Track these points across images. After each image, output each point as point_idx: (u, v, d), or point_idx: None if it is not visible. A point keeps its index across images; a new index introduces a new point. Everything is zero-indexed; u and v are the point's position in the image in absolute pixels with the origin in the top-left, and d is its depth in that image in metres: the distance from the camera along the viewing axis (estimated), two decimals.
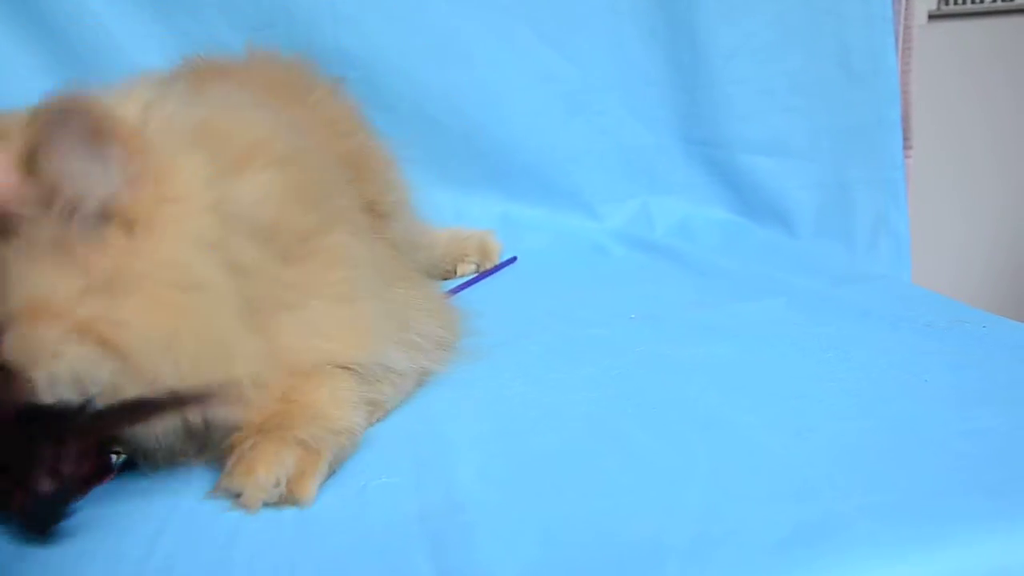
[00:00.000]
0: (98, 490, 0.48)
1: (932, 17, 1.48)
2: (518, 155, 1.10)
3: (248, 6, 1.03)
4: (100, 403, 0.43)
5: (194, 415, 0.47)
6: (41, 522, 0.42)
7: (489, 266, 1.00)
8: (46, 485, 0.42)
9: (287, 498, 0.47)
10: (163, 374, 0.44)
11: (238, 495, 0.46)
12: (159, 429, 0.47)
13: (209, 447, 0.50)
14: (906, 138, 1.14)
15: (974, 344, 0.66)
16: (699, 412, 0.57)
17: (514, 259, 1.03)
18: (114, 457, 0.48)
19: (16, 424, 0.43)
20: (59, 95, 0.43)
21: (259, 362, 0.49)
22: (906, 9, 1.15)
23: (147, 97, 0.50)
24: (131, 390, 0.44)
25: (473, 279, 0.96)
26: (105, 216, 0.44)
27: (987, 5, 1.43)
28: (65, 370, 0.42)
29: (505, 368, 0.66)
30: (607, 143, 1.13)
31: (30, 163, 0.42)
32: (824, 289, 0.81)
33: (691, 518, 0.44)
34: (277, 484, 0.46)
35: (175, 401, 0.45)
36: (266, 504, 0.47)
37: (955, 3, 1.47)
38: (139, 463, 0.50)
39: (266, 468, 0.46)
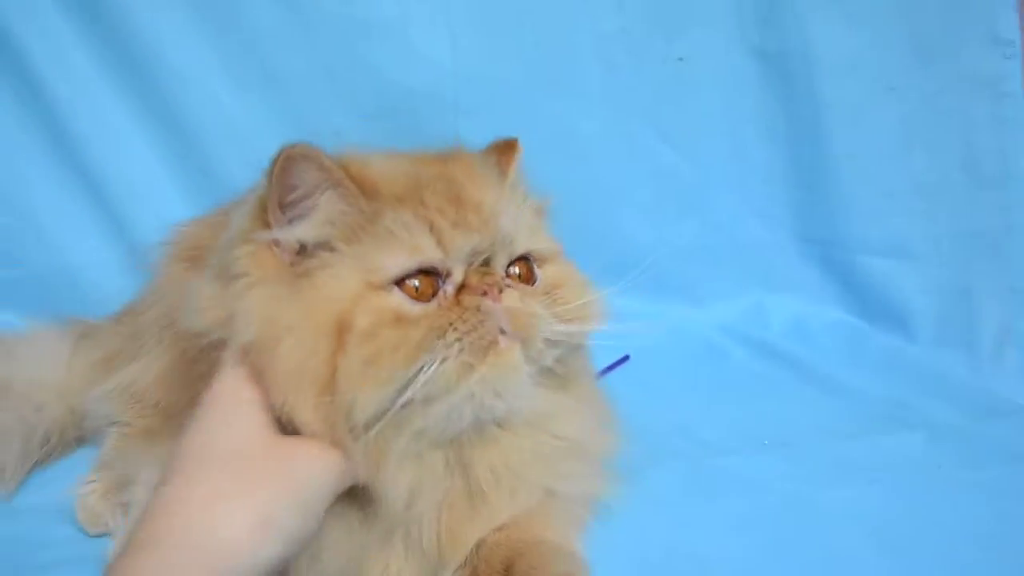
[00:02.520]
0: None
1: None
2: (631, 249, 1.10)
3: (368, 94, 1.05)
4: None
5: None
6: None
7: None
8: None
9: None
10: None
11: None
12: None
13: None
14: None
15: None
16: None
17: (627, 358, 1.03)
18: None
19: None
20: None
21: None
22: None
23: None
24: None
25: None
26: None
27: None
28: None
29: (644, 500, 0.65)
30: (721, 239, 1.13)
31: None
32: (963, 423, 0.79)
33: None
34: None
35: None
36: None
37: None
38: None
39: None
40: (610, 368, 1.00)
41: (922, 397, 0.87)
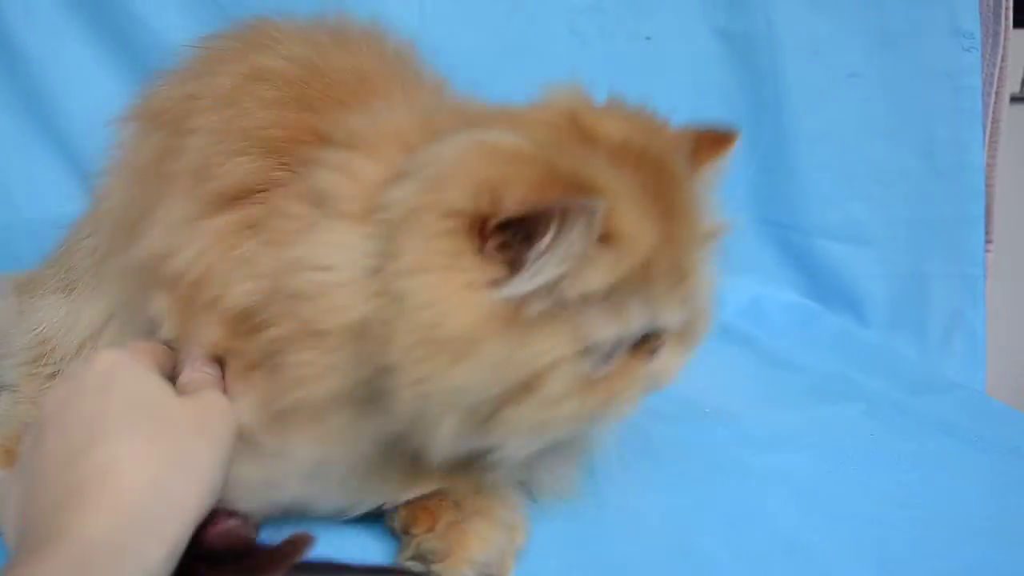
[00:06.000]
0: None
1: (1014, 100, 1.46)
2: None
3: None
4: None
5: None
6: None
7: None
8: None
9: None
10: None
11: (438, 561, 0.47)
12: None
13: None
14: (987, 231, 1.12)
15: None
16: (780, 533, 0.56)
17: None
18: None
19: None
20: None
21: None
22: (995, 102, 1.13)
23: None
24: None
25: None
26: None
27: None
28: None
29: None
30: None
31: None
32: (902, 398, 0.80)
33: None
34: (486, 565, 0.48)
35: None
36: None
37: None
38: None
39: (480, 546, 0.48)
40: None
41: (867, 375, 0.88)
